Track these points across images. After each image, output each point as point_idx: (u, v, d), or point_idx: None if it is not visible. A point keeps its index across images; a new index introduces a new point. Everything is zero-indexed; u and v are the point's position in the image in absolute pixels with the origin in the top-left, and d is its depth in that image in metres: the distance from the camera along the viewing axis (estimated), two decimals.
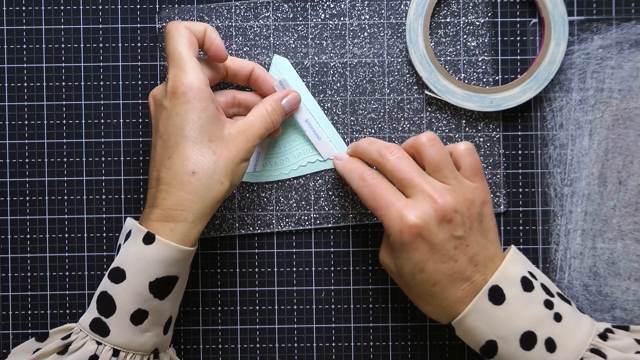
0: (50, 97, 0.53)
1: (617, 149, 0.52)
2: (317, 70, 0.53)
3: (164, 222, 0.44)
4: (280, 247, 0.53)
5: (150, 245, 0.43)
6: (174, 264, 0.44)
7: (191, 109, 0.44)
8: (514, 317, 0.42)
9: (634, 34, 0.52)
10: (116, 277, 0.44)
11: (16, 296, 0.53)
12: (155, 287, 0.43)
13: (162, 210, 0.44)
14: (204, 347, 0.53)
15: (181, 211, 0.44)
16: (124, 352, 0.43)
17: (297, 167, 0.53)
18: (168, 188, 0.44)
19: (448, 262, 0.43)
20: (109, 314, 0.43)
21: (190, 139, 0.44)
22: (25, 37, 0.53)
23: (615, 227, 0.52)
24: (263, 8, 0.53)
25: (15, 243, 0.53)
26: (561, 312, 0.43)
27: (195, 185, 0.44)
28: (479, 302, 0.43)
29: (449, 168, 0.45)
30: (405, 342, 0.53)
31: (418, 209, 0.43)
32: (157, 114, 0.46)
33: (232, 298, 0.53)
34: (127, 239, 0.45)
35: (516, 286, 0.43)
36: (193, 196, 0.44)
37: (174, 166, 0.44)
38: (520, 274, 0.44)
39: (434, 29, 0.53)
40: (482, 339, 0.43)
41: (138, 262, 0.43)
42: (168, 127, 0.44)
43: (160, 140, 0.45)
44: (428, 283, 0.44)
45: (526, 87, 0.52)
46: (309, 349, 0.53)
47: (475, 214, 0.45)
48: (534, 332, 0.42)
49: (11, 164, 0.53)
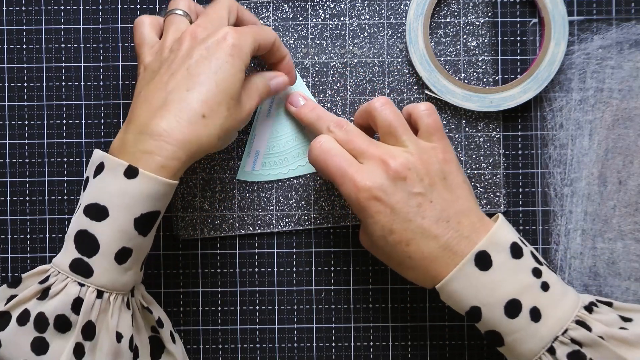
0: (50, 97, 0.53)
1: (617, 149, 0.52)
2: (317, 70, 0.53)
3: (152, 155, 0.41)
4: (280, 247, 0.53)
5: (134, 180, 0.41)
6: (159, 199, 0.42)
7: (232, 64, 0.43)
8: (499, 284, 0.42)
9: (634, 34, 0.52)
10: (95, 214, 0.41)
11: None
12: (140, 223, 0.42)
13: (154, 140, 0.42)
14: (204, 347, 0.53)
15: (175, 147, 0.42)
16: (108, 292, 0.42)
17: (296, 167, 0.53)
18: (171, 118, 0.42)
19: (414, 219, 0.43)
20: (91, 253, 0.41)
21: (216, 86, 0.43)
22: (25, 37, 0.53)
23: (615, 227, 0.52)
24: (263, 8, 0.53)
25: (15, 243, 0.53)
26: (549, 281, 0.43)
27: (201, 128, 0.42)
28: (465, 267, 0.42)
29: (401, 130, 0.45)
30: (405, 342, 0.53)
31: (371, 173, 0.44)
32: (192, 47, 0.44)
33: (232, 298, 0.53)
34: (100, 172, 0.42)
35: (504, 252, 0.43)
36: (193, 137, 0.42)
37: (190, 100, 0.42)
38: (510, 239, 0.43)
39: (434, 29, 0.53)
40: (466, 305, 0.43)
41: (121, 197, 0.41)
42: (201, 64, 0.43)
43: (185, 71, 0.43)
44: (401, 244, 0.44)
45: (526, 87, 0.52)
46: (309, 349, 0.53)
47: (434, 171, 0.44)
48: (520, 300, 0.42)
49: (11, 164, 0.53)
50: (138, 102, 0.44)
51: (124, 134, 0.43)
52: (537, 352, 0.42)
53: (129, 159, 0.42)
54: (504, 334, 0.42)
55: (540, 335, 0.42)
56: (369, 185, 0.43)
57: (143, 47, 0.46)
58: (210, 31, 0.45)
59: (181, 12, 0.47)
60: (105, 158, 0.42)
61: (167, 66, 0.44)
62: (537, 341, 0.42)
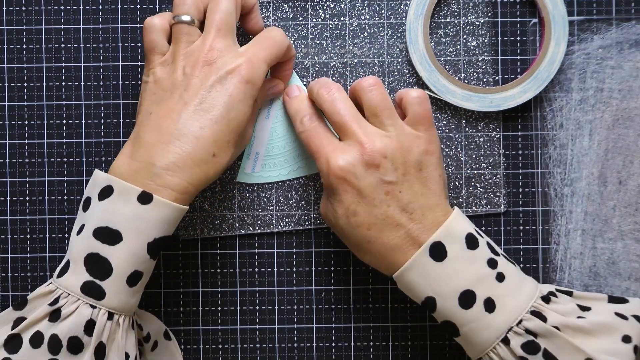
0: (50, 97, 0.53)
1: (617, 149, 0.52)
2: (317, 70, 0.53)
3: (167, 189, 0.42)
4: (280, 247, 0.53)
5: (148, 205, 0.42)
6: (171, 224, 0.43)
7: (244, 102, 0.44)
8: (453, 275, 0.42)
9: (634, 34, 0.52)
10: (107, 238, 0.42)
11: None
12: (152, 247, 0.42)
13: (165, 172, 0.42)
14: (204, 347, 0.53)
15: (185, 181, 0.43)
16: (117, 314, 0.42)
17: (296, 168, 0.53)
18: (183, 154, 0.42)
19: (379, 206, 0.43)
20: (104, 276, 0.42)
21: (229, 126, 0.43)
22: (25, 37, 0.53)
23: (615, 227, 0.52)
24: (263, 8, 0.53)
25: (15, 243, 0.53)
26: (505, 272, 0.43)
27: (210, 167, 0.43)
28: (419, 257, 0.43)
29: (387, 114, 0.45)
30: (405, 342, 0.53)
31: (346, 153, 0.44)
32: (207, 77, 0.44)
33: (232, 298, 0.53)
34: (109, 196, 0.42)
35: (459, 243, 0.43)
36: (203, 174, 0.43)
37: (203, 138, 0.43)
38: (466, 230, 0.44)
39: (434, 29, 0.53)
40: (422, 295, 0.43)
41: (135, 222, 0.42)
42: (217, 101, 0.43)
43: (199, 105, 0.43)
44: (362, 227, 0.44)
45: (526, 87, 0.52)
46: (309, 349, 0.53)
47: (412, 161, 0.44)
48: (474, 291, 0.42)
49: (11, 164, 0.53)
50: (148, 124, 0.44)
51: (130, 159, 0.43)
52: (491, 342, 0.42)
53: (140, 187, 0.42)
54: (459, 325, 0.43)
55: (495, 325, 0.42)
56: (340, 166, 0.44)
57: (154, 54, 0.46)
58: (224, 53, 0.44)
59: (189, 19, 0.46)
60: (114, 182, 0.42)
61: (179, 93, 0.44)
62: (492, 332, 0.42)
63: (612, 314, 0.42)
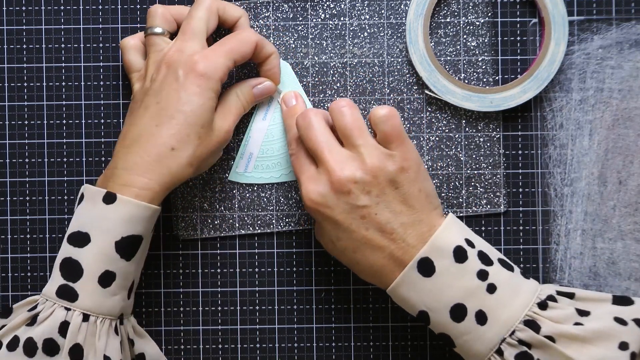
0: (50, 97, 0.53)
1: (617, 149, 0.52)
2: (317, 70, 0.53)
3: (129, 187, 0.44)
4: (280, 247, 0.53)
5: (112, 205, 0.43)
6: (139, 222, 0.44)
7: (200, 94, 0.45)
8: (443, 289, 0.43)
9: (634, 34, 0.52)
10: (78, 241, 0.43)
11: (16, 296, 0.53)
12: (121, 246, 0.43)
13: (128, 174, 0.44)
14: (204, 347, 0.53)
15: (148, 179, 0.44)
16: (94, 316, 0.43)
17: (288, 171, 0.53)
18: (143, 153, 0.44)
19: (358, 230, 0.44)
20: (75, 278, 0.43)
21: (185, 118, 0.44)
22: (25, 37, 0.53)
23: (615, 227, 0.52)
24: (263, 8, 0.53)
25: (15, 243, 0.53)
26: (496, 282, 0.43)
27: (171, 161, 0.44)
28: (408, 273, 0.43)
29: (357, 134, 0.45)
30: (405, 342, 0.53)
31: (317, 183, 0.44)
32: (165, 80, 0.45)
33: (232, 298, 0.53)
34: (81, 202, 0.45)
35: (447, 258, 0.43)
36: (165, 169, 0.44)
37: (159, 135, 0.44)
38: (454, 243, 0.43)
39: (434, 29, 0.53)
40: (415, 309, 0.44)
41: (101, 222, 0.43)
42: (171, 98, 0.45)
43: (155, 106, 0.45)
44: (348, 250, 0.45)
45: (526, 87, 0.52)
46: (309, 349, 0.53)
47: (385, 181, 0.44)
48: (464, 304, 0.42)
49: (11, 164, 0.53)
50: (119, 138, 0.46)
51: (105, 170, 0.46)
52: (485, 354, 0.42)
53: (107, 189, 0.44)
54: (453, 337, 0.43)
55: (488, 337, 0.42)
56: (312, 197, 0.44)
57: (131, 73, 0.49)
58: (185, 53, 0.45)
59: (159, 30, 0.48)
60: (85, 189, 0.45)
61: (143, 99, 0.46)
62: (485, 343, 0.42)
63: (611, 319, 0.42)
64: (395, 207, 0.44)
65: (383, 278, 0.45)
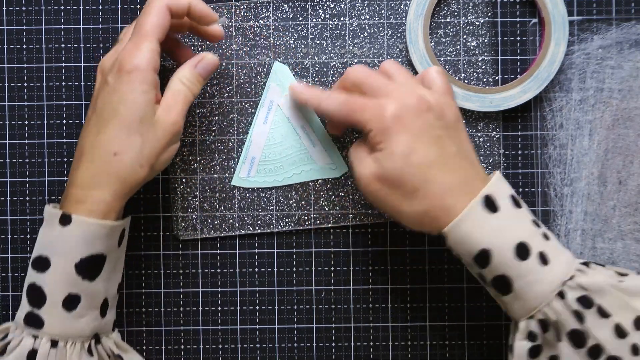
0: (50, 97, 0.53)
1: (617, 149, 0.52)
2: (317, 70, 0.53)
3: (82, 203, 0.42)
4: (280, 247, 0.53)
5: (68, 226, 0.42)
6: (97, 242, 0.43)
7: (131, 90, 0.42)
8: (507, 227, 0.42)
9: (634, 34, 0.52)
10: (40, 265, 0.43)
11: (16, 296, 0.53)
12: (81, 268, 0.42)
13: (80, 190, 0.43)
14: (204, 347, 0.53)
15: (99, 191, 0.43)
16: (63, 340, 0.42)
17: (291, 174, 0.53)
18: (89, 165, 0.43)
19: (436, 145, 0.43)
20: (40, 304, 0.42)
21: (121, 119, 0.42)
22: (25, 37, 0.53)
23: (615, 227, 0.52)
24: (263, 8, 0.53)
25: (15, 243, 0.53)
26: (547, 233, 0.43)
27: (116, 166, 0.43)
28: (474, 208, 0.42)
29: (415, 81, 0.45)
30: (405, 342, 0.53)
31: (397, 98, 0.43)
32: (100, 87, 0.44)
33: (232, 298, 0.53)
34: (42, 225, 0.44)
35: (507, 199, 0.43)
36: (112, 177, 0.43)
37: (99, 144, 0.43)
38: (509, 190, 0.44)
39: (434, 29, 0.53)
40: (476, 247, 0.42)
41: (58, 245, 0.42)
42: (105, 103, 0.43)
43: (94, 115, 0.44)
44: (423, 165, 0.43)
45: (526, 87, 0.52)
46: (309, 349, 0.53)
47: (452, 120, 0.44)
48: (528, 243, 0.42)
49: (11, 164, 0.53)
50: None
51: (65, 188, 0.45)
52: (547, 295, 0.41)
53: (64, 209, 0.43)
54: (514, 278, 0.42)
55: (550, 278, 0.41)
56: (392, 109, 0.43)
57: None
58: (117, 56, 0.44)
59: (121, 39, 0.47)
60: (45, 211, 0.44)
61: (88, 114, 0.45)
62: (547, 284, 0.41)
63: None
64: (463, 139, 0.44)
65: (447, 203, 0.42)
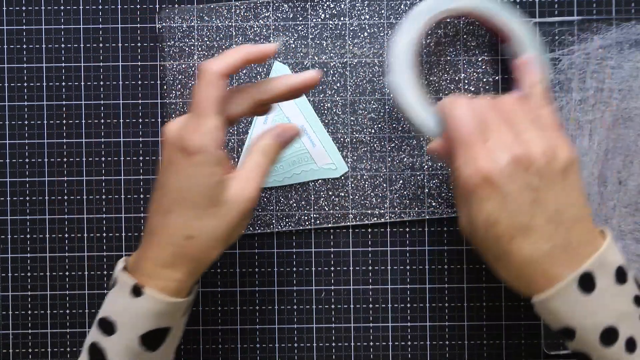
0: (50, 97, 0.53)
1: (617, 149, 0.52)
2: None
3: (155, 279, 0.42)
4: (280, 247, 0.53)
5: (139, 298, 0.41)
6: (166, 316, 0.42)
7: (197, 174, 0.41)
8: (599, 309, 0.39)
9: (634, 34, 0.52)
10: (105, 327, 0.42)
11: (16, 296, 0.53)
12: (146, 340, 0.42)
13: (154, 266, 0.42)
14: (204, 347, 0.53)
15: (172, 270, 0.42)
16: None
17: (291, 174, 0.53)
18: (163, 246, 0.42)
19: (524, 215, 0.39)
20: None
21: (190, 202, 0.41)
22: (25, 37, 0.53)
23: (615, 227, 0.52)
24: (263, 8, 0.53)
25: (15, 243, 0.53)
26: None
27: (190, 250, 0.42)
28: (567, 287, 0.39)
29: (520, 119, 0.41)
30: (406, 342, 0.53)
31: (491, 153, 0.40)
32: (166, 164, 0.42)
33: (232, 298, 0.53)
34: (114, 287, 0.43)
35: (609, 276, 0.39)
36: (187, 258, 0.42)
37: (169, 226, 0.42)
38: (617, 262, 0.40)
39: (434, 29, 0.53)
40: (561, 324, 0.40)
41: (127, 315, 0.42)
42: (171, 182, 0.42)
43: (161, 193, 0.42)
44: (504, 239, 0.40)
45: None
46: (309, 349, 0.53)
47: (557, 168, 0.40)
48: (617, 328, 0.39)
49: (11, 164, 0.53)
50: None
51: (138, 249, 0.44)
52: None
53: (137, 278, 0.42)
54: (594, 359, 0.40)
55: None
56: (483, 166, 0.39)
57: None
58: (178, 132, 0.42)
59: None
60: (120, 274, 0.43)
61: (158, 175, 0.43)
62: None
63: None
64: (563, 199, 0.40)
65: (531, 279, 0.40)
